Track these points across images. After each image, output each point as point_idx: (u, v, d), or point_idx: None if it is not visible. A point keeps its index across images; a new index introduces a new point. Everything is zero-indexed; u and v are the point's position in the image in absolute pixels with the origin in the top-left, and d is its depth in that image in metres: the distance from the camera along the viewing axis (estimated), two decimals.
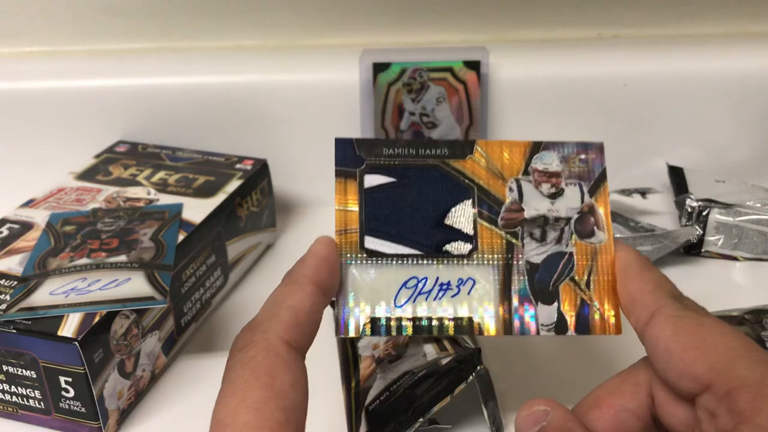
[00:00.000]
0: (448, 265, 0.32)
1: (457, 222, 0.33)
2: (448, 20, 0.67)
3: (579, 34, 0.68)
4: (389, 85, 0.61)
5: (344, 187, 0.33)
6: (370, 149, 0.33)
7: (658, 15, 0.67)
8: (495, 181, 0.34)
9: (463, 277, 0.32)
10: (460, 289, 0.32)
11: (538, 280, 0.33)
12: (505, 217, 0.33)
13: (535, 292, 0.33)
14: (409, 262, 0.32)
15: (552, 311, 0.33)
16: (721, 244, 0.57)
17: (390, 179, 0.33)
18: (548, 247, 0.33)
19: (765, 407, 0.24)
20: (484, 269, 0.32)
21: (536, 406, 0.28)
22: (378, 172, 0.33)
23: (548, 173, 0.34)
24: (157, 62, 0.65)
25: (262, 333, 0.28)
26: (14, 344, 0.40)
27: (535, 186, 0.34)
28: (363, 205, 0.33)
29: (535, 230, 0.33)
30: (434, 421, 0.40)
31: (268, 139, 0.65)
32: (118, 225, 0.49)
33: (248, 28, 0.67)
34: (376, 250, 0.32)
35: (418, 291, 0.32)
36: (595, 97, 0.64)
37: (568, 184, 0.34)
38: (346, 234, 0.32)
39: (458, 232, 0.33)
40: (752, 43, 0.66)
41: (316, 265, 0.30)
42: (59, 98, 0.64)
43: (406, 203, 0.33)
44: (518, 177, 0.34)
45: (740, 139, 0.66)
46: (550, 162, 0.34)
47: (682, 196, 0.59)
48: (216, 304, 0.53)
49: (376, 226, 0.32)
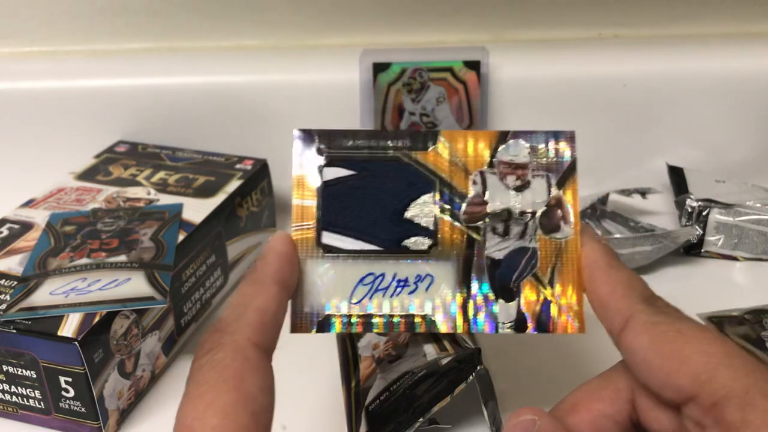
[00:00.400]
0: (406, 261, 0.32)
1: (417, 216, 0.32)
2: (448, 20, 0.67)
3: (579, 34, 0.68)
4: (389, 85, 0.61)
5: (302, 180, 0.32)
6: (329, 141, 0.32)
7: (658, 15, 0.67)
8: (458, 174, 0.32)
9: (422, 274, 0.31)
10: (417, 286, 0.31)
11: (499, 276, 0.32)
12: (467, 211, 0.32)
13: (496, 289, 0.32)
14: (367, 257, 0.31)
15: (512, 308, 0.32)
16: (721, 244, 0.57)
17: (349, 172, 0.32)
18: (510, 242, 0.32)
19: (754, 419, 0.24)
20: (444, 265, 0.32)
21: (523, 416, 0.28)
22: (337, 164, 0.32)
23: (514, 165, 0.33)
24: (157, 62, 0.65)
25: (230, 335, 0.27)
26: (14, 344, 0.40)
27: (500, 178, 0.32)
28: (321, 199, 0.32)
29: (498, 225, 0.32)
30: (434, 421, 0.40)
31: (268, 139, 0.65)
32: (118, 225, 0.49)
33: (248, 28, 0.67)
34: (332, 246, 0.32)
35: (374, 288, 0.31)
36: (595, 97, 0.64)
37: (534, 176, 0.33)
38: (303, 229, 0.32)
39: (418, 227, 0.32)
40: (752, 43, 0.66)
41: (278, 264, 0.30)
42: (59, 98, 0.64)
43: (366, 197, 0.32)
44: (483, 169, 0.33)
45: (740, 139, 0.66)
46: (517, 153, 0.33)
47: (682, 196, 0.59)
48: (216, 304, 0.53)
49: (333, 221, 0.32)
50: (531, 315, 0.32)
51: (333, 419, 0.42)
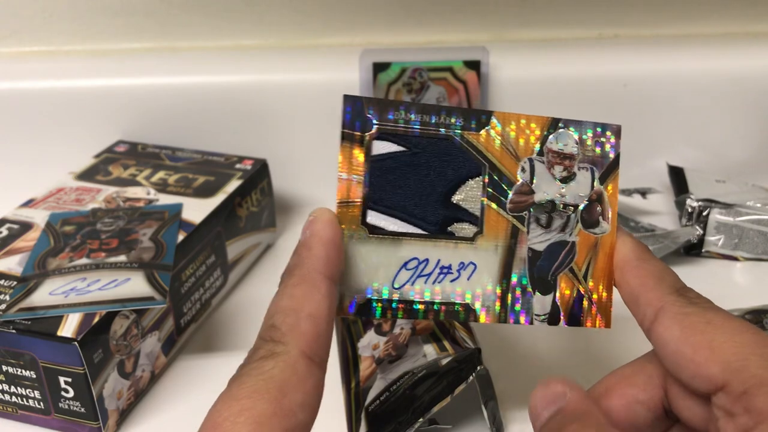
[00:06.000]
0: (450, 247, 0.31)
1: (464, 201, 0.31)
2: (448, 20, 0.67)
3: (579, 34, 0.68)
4: (389, 85, 0.61)
5: (349, 152, 0.30)
6: (380, 111, 0.30)
7: (658, 15, 0.67)
8: (508, 159, 0.31)
9: (465, 261, 0.31)
10: (460, 274, 0.31)
11: (538, 268, 0.31)
12: (513, 200, 0.31)
13: (534, 281, 0.31)
14: (411, 240, 0.30)
15: (547, 301, 0.31)
16: (722, 245, 0.57)
17: (399, 148, 0.30)
18: (552, 234, 0.32)
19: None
20: (487, 254, 0.31)
21: (553, 386, 0.27)
22: (388, 138, 0.30)
23: (563, 155, 0.32)
24: (157, 62, 0.65)
25: (284, 345, 0.26)
26: (14, 344, 0.40)
27: (548, 167, 0.32)
28: (368, 175, 0.30)
29: (542, 216, 0.32)
30: (434, 421, 0.40)
31: (268, 139, 0.65)
32: (118, 225, 0.49)
33: (248, 28, 0.67)
34: (378, 226, 0.30)
35: (418, 273, 0.30)
36: (595, 97, 0.64)
37: (580, 168, 0.32)
38: (348, 206, 0.30)
39: (465, 212, 0.31)
40: (752, 43, 0.66)
41: (325, 254, 0.28)
42: (59, 98, 0.64)
43: (415, 176, 0.30)
44: (532, 156, 0.32)
45: (740, 139, 0.66)
46: (566, 142, 0.32)
47: (682, 196, 0.59)
48: (216, 304, 0.53)
49: (380, 199, 0.30)
50: (564, 309, 0.32)
51: (333, 419, 0.42)
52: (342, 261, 0.29)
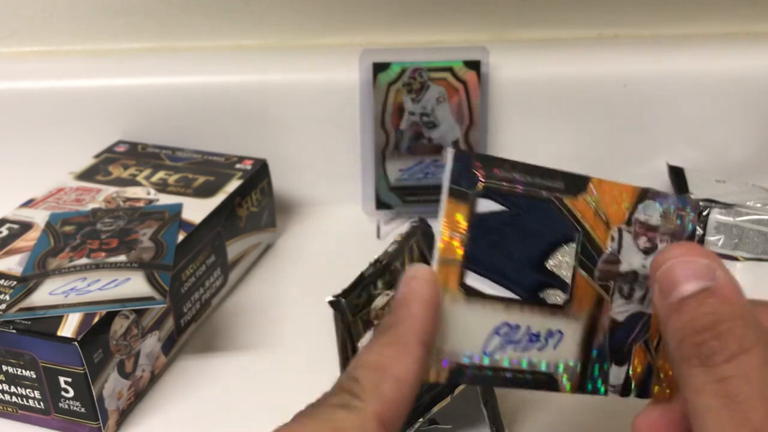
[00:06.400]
0: (541, 314, 0.30)
1: (557, 267, 0.30)
2: (448, 20, 0.67)
3: (579, 34, 0.68)
4: (389, 85, 0.61)
5: (454, 209, 0.28)
6: (487, 168, 0.29)
7: (658, 15, 0.67)
8: (599, 227, 0.31)
9: (553, 329, 0.30)
10: (548, 342, 0.30)
11: (616, 338, 0.31)
12: (601, 269, 0.31)
13: (612, 351, 0.31)
14: (504, 304, 0.29)
15: (621, 372, 0.31)
16: (722, 244, 0.57)
17: (503, 208, 0.29)
18: (632, 305, 0.31)
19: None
20: (573, 323, 0.30)
21: (696, 256, 0.25)
22: (492, 197, 0.29)
23: (647, 226, 0.32)
24: (157, 62, 0.65)
25: (361, 402, 0.25)
26: (14, 344, 0.40)
27: (634, 238, 0.31)
28: (471, 234, 0.29)
29: (625, 286, 0.31)
30: (434, 421, 0.40)
31: (268, 139, 0.64)
32: (118, 225, 0.49)
33: (248, 28, 0.67)
34: (476, 289, 0.29)
35: (508, 339, 0.29)
36: (595, 97, 0.64)
37: (661, 241, 0.32)
38: (449, 265, 0.28)
39: (557, 278, 0.30)
40: (752, 43, 0.66)
41: (423, 317, 0.26)
42: (59, 98, 0.64)
43: (514, 238, 0.29)
44: (621, 226, 0.31)
45: (740, 139, 0.66)
46: (652, 214, 0.32)
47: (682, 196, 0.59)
48: (216, 304, 0.53)
49: (480, 261, 0.29)
50: (636, 380, 0.31)
51: None
52: (438, 324, 0.28)
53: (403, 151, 0.63)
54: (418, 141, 0.63)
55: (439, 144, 0.63)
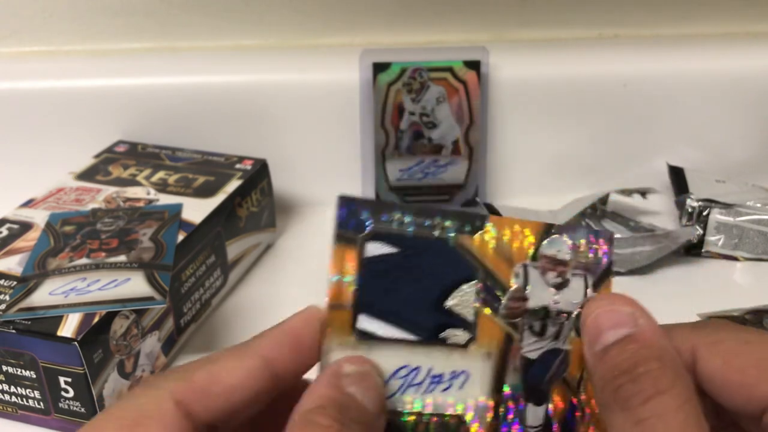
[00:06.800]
0: (442, 355, 0.29)
1: (457, 306, 0.30)
2: (448, 20, 0.67)
3: (579, 34, 0.68)
4: (389, 85, 0.61)
5: (342, 254, 0.29)
6: (374, 212, 0.29)
7: (658, 15, 0.67)
8: (502, 264, 0.30)
9: (457, 370, 0.29)
10: (452, 384, 0.29)
11: (531, 377, 0.30)
12: (508, 306, 0.30)
13: (527, 391, 0.30)
14: (402, 347, 0.29)
15: (540, 412, 0.30)
16: (722, 244, 0.57)
17: (393, 249, 0.29)
18: (545, 342, 0.30)
19: None
20: (480, 363, 0.30)
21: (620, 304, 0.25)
22: (382, 239, 0.29)
23: (556, 260, 0.31)
24: (157, 62, 0.65)
25: (165, 382, 0.25)
26: (14, 344, 0.40)
27: (542, 273, 0.31)
28: (361, 278, 0.29)
29: (536, 323, 0.30)
30: None
31: (268, 139, 0.64)
32: (118, 225, 0.49)
33: (248, 28, 0.67)
34: (368, 332, 0.29)
35: (408, 382, 0.29)
36: (595, 97, 0.64)
37: (573, 275, 0.31)
38: (339, 310, 0.29)
39: (458, 318, 0.30)
40: (752, 43, 0.66)
41: (278, 341, 0.27)
42: (59, 98, 0.64)
43: (408, 279, 0.29)
44: (526, 262, 0.31)
45: (740, 139, 0.66)
46: (560, 248, 0.31)
47: (682, 196, 0.59)
48: (216, 304, 0.53)
49: (372, 303, 0.29)
50: (558, 421, 0.30)
51: None
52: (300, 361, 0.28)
53: (403, 151, 0.63)
54: (418, 141, 0.63)
55: (439, 144, 0.63)
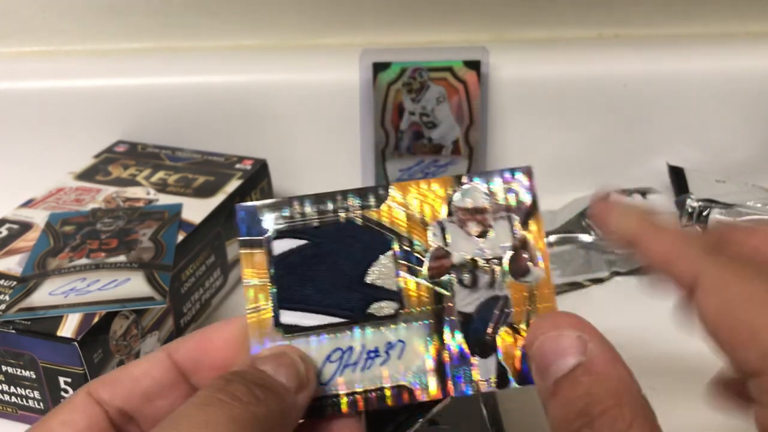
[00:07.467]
0: (374, 330, 0.29)
1: (379, 279, 0.30)
2: (448, 20, 0.67)
3: (579, 34, 0.68)
4: (389, 84, 0.61)
5: (251, 258, 0.29)
6: (275, 212, 0.30)
7: (658, 15, 0.67)
8: (417, 228, 0.30)
9: (392, 341, 0.29)
10: (389, 354, 0.29)
11: (473, 331, 0.30)
12: (431, 266, 0.30)
13: (471, 345, 0.29)
14: (332, 331, 0.29)
15: (490, 364, 0.29)
16: None
17: (301, 242, 0.30)
18: (480, 293, 0.30)
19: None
20: (414, 328, 0.29)
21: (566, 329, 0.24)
22: (287, 236, 0.30)
23: (473, 210, 0.30)
24: (157, 62, 0.65)
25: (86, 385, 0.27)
26: (14, 344, 0.40)
27: (461, 226, 0.30)
28: (274, 276, 0.29)
29: (465, 276, 0.30)
30: (434, 421, 0.40)
31: (268, 139, 0.64)
32: (118, 225, 0.49)
33: (248, 28, 0.67)
34: (293, 325, 0.29)
35: (343, 363, 0.29)
36: (595, 97, 0.64)
37: (496, 219, 0.30)
38: (259, 312, 0.29)
39: (382, 290, 0.29)
40: (752, 43, 0.66)
41: (185, 339, 0.29)
42: (59, 98, 0.64)
43: (322, 266, 0.29)
44: (440, 219, 0.30)
45: (740, 139, 0.66)
46: (473, 196, 0.30)
47: (682, 196, 0.59)
48: (216, 304, 0.53)
49: (290, 297, 0.29)
50: (511, 367, 0.29)
51: None
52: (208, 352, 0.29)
53: (403, 151, 0.63)
54: (418, 141, 0.63)
55: (439, 144, 0.63)
